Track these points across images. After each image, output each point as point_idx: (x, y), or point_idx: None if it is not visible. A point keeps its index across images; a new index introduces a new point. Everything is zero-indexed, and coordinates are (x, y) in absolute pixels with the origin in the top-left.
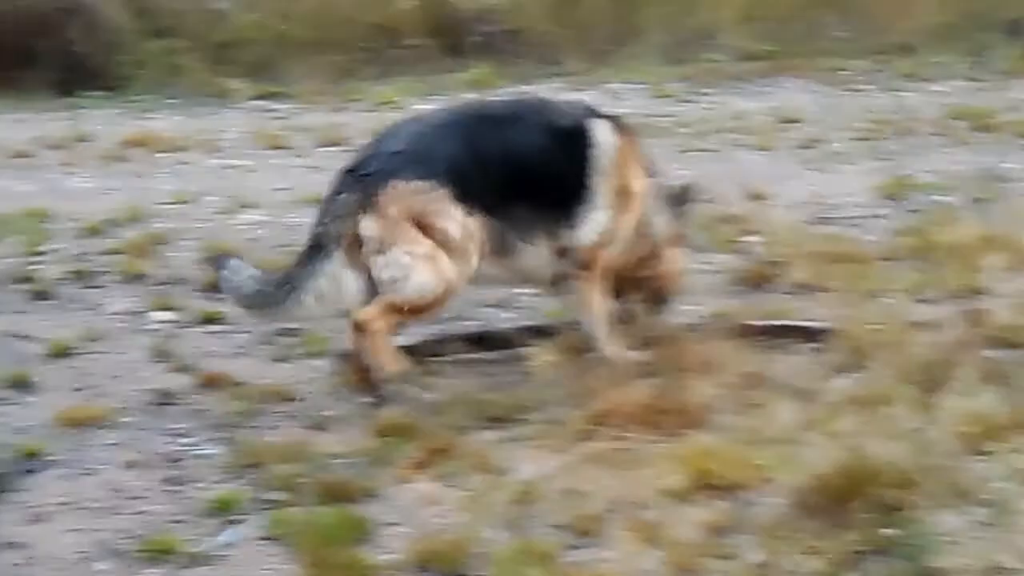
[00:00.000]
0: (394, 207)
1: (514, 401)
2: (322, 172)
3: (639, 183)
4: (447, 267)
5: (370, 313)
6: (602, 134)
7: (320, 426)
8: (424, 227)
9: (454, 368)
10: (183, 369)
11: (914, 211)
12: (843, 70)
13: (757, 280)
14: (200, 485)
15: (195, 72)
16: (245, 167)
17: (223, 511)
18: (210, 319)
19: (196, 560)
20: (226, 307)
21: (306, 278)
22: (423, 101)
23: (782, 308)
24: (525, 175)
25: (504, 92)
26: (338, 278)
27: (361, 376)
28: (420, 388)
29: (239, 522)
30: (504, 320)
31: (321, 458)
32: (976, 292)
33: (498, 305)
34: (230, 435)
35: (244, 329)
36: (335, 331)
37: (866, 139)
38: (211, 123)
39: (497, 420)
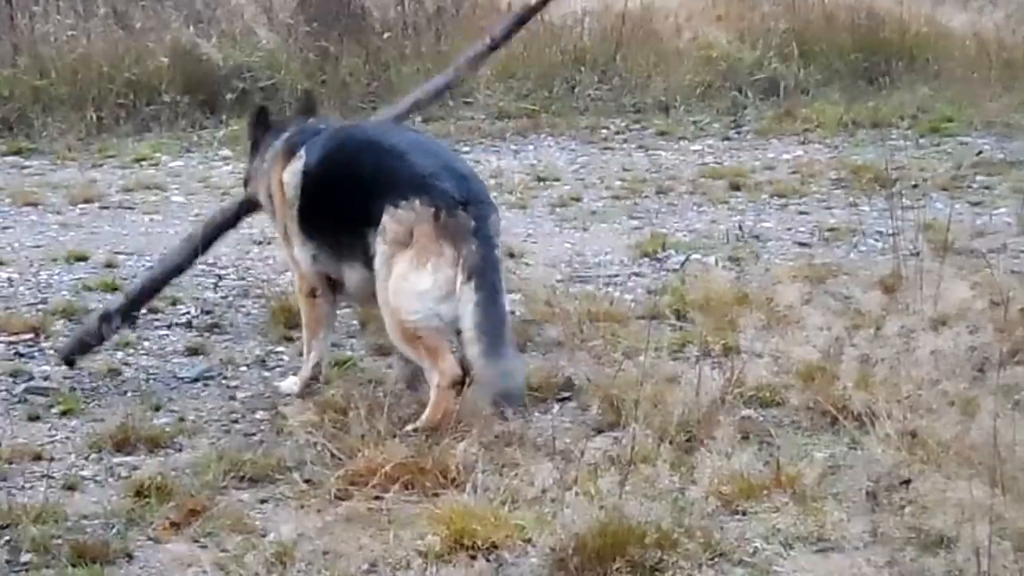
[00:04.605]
0: None
1: (271, 460)
2: (76, 229)
3: None
4: None
5: None
6: None
7: (74, 486)
8: None
9: (211, 426)
10: None
11: (671, 270)
12: (600, 128)
13: (514, 339)
14: None
15: None
16: None
17: None
18: None
19: None
20: None
21: None
22: (178, 158)
23: (539, 367)
24: None
25: None
26: None
27: None
28: None
29: None
30: None
31: (75, 519)
32: (733, 351)
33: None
34: None
35: None
36: (88, 390)
37: (623, 198)
38: None
39: (254, 480)
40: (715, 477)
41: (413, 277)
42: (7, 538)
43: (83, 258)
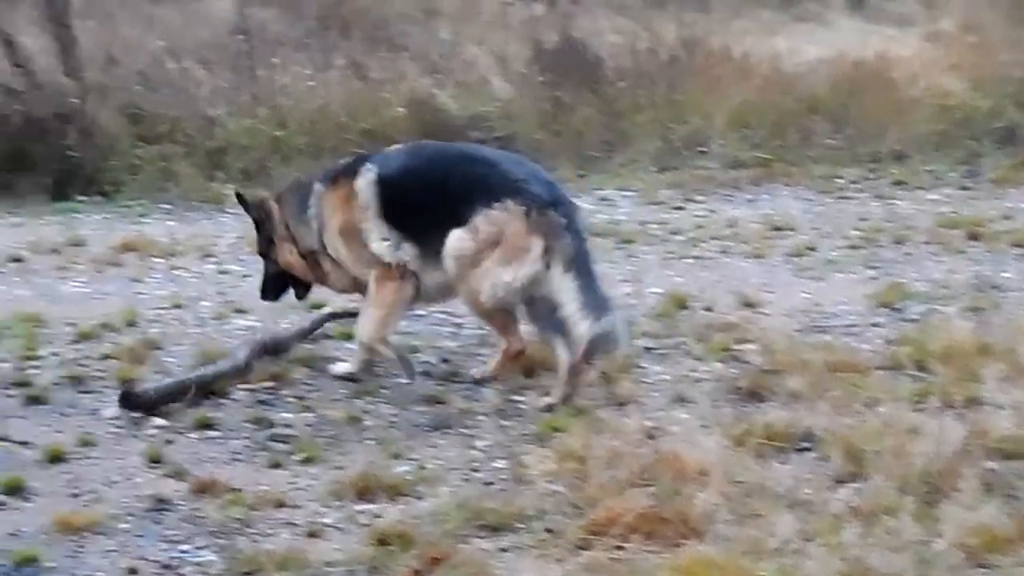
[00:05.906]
0: None
1: (513, 509)
2: None
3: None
4: None
5: None
6: None
7: (316, 533)
8: None
9: (451, 474)
10: (178, 475)
11: (910, 320)
12: (835, 178)
13: (752, 389)
14: None
15: (189, 177)
16: (238, 272)
17: None
18: (205, 425)
19: None
20: (220, 413)
21: None
22: None
23: (779, 417)
24: None
25: None
26: None
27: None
28: None
29: None
30: None
31: (318, 566)
32: (975, 402)
33: None
34: (226, 542)
35: (239, 435)
36: (329, 438)
37: (859, 247)
38: (204, 228)
39: (495, 528)
40: (959, 529)
41: (498, 270)
42: None
43: (320, 307)
